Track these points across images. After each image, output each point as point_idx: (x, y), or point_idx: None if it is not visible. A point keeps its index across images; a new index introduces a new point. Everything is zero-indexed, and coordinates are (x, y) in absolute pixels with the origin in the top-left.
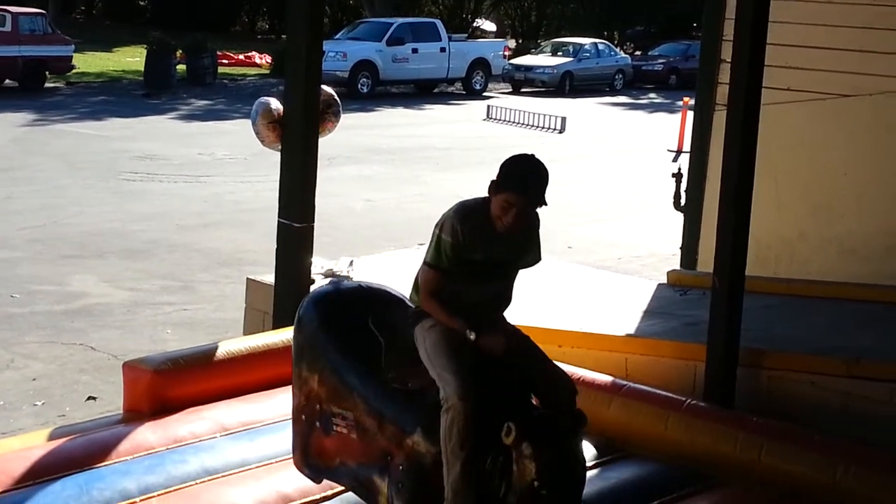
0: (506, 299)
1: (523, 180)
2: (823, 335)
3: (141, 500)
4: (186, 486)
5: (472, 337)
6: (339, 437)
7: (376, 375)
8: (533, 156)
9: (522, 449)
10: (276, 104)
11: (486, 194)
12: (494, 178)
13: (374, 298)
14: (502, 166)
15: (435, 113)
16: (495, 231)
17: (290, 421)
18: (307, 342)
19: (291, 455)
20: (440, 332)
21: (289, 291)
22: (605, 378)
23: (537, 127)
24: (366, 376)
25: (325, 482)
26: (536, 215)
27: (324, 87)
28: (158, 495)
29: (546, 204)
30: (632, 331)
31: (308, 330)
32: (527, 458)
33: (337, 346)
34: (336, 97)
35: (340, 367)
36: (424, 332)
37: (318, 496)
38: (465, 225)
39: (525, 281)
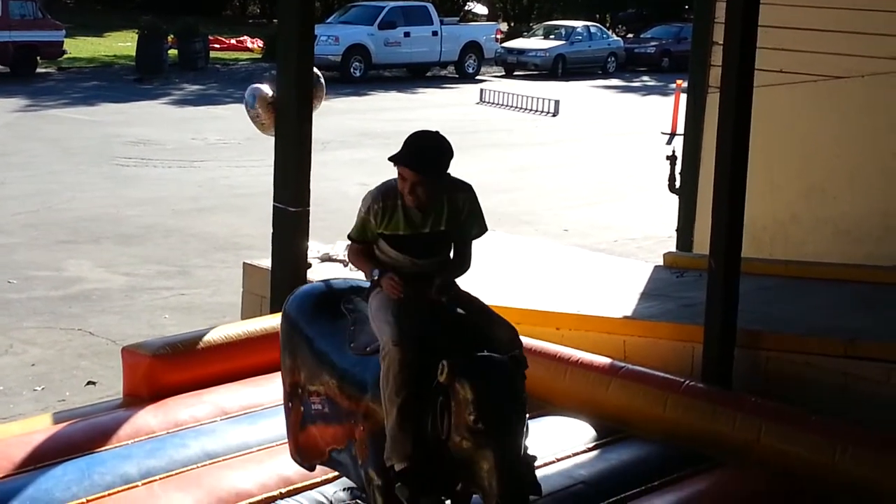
0: (456, 265)
1: (415, 154)
2: (820, 316)
3: (142, 484)
4: (188, 470)
5: (375, 275)
6: (321, 420)
7: (341, 348)
8: (432, 131)
9: (458, 387)
10: (268, 89)
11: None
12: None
13: (351, 289)
14: (404, 141)
15: (427, 97)
16: (413, 209)
17: None
18: (288, 335)
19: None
20: (383, 294)
21: (285, 275)
22: (603, 360)
23: (530, 110)
24: (333, 351)
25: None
26: (464, 186)
27: None
28: (160, 479)
29: (440, 175)
30: (629, 313)
31: (289, 323)
32: (463, 394)
33: (313, 331)
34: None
35: (314, 348)
36: (371, 297)
37: (319, 479)
38: (377, 203)
39: (522, 264)
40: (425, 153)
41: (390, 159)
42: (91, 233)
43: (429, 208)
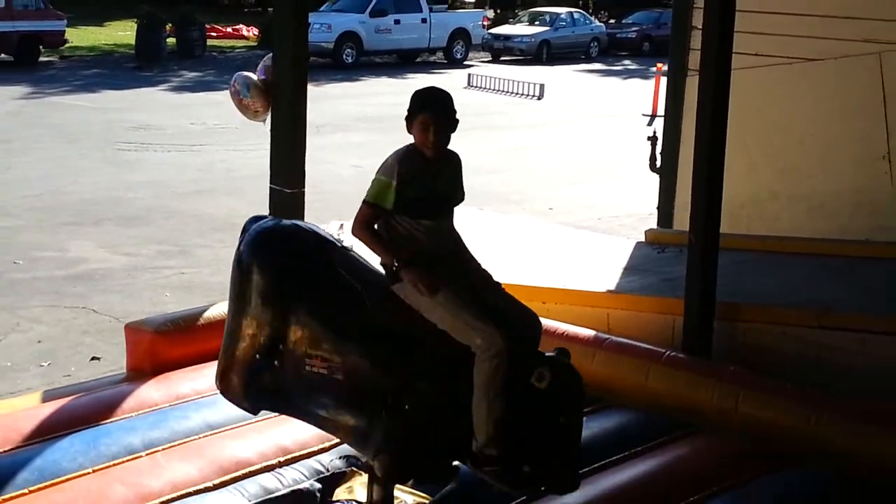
0: (454, 238)
1: (431, 101)
2: (795, 289)
3: (146, 454)
4: (189, 440)
5: (395, 267)
6: (312, 378)
7: (363, 320)
8: (435, 87)
9: (551, 390)
10: (254, 76)
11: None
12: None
13: (318, 237)
14: (411, 99)
15: (418, 82)
16: (429, 167)
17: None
18: (267, 281)
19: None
20: (443, 291)
21: None
22: (587, 332)
23: (517, 94)
24: (354, 322)
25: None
26: (456, 154)
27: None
28: (163, 449)
29: (457, 121)
30: (612, 287)
31: (266, 268)
32: (555, 397)
33: (311, 290)
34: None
35: (320, 312)
36: (408, 293)
37: (315, 448)
38: (403, 165)
39: (510, 241)
40: (438, 99)
41: (410, 114)
42: (94, 215)
43: (446, 167)
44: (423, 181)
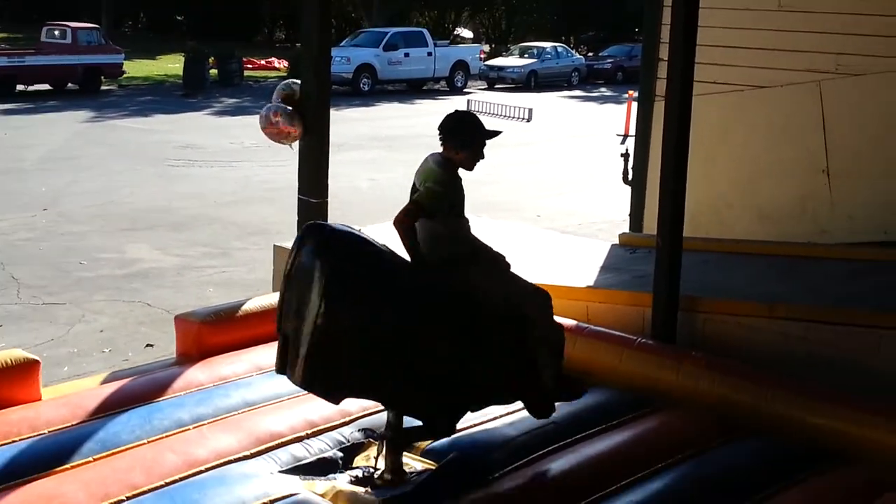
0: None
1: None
2: (748, 284)
3: (193, 427)
4: (230, 416)
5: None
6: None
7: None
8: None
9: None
10: (288, 107)
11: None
12: (461, 135)
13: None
14: (469, 124)
15: (424, 107)
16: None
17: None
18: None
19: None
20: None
21: None
22: (570, 322)
23: (509, 117)
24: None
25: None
26: None
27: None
28: (208, 423)
29: None
30: (591, 283)
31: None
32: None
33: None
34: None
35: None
36: (473, 272)
37: (338, 421)
38: (457, 178)
39: (503, 244)
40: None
41: (467, 140)
42: (147, 222)
43: None
44: (460, 189)
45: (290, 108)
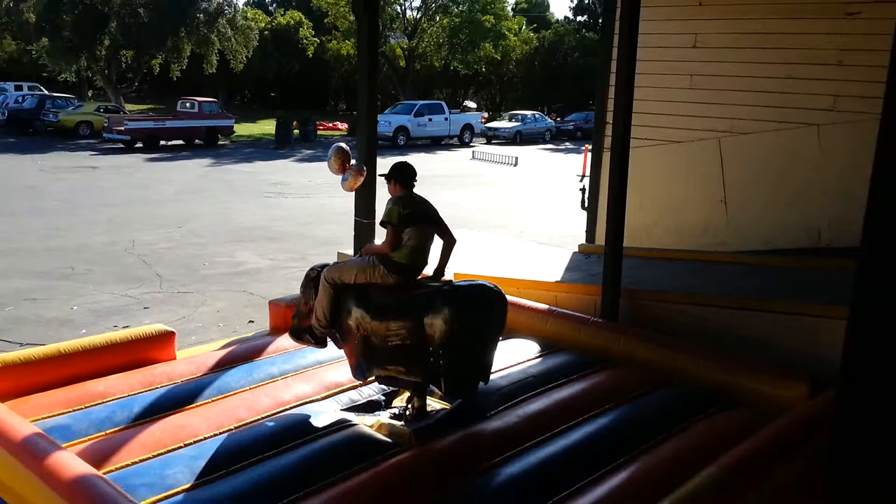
0: None
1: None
2: (668, 279)
3: (280, 379)
4: (306, 371)
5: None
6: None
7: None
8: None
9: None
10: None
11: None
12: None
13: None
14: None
15: (443, 155)
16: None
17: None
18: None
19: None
20: None
21: None
22: (543, 306)
23: (501, 163)
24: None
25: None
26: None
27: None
28: (291, 376)
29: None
30: (559, 278)
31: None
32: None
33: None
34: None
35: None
36: None
37: (346, 385)
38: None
39: (495, 252)
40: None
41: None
42: (250, 236)
43: None
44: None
45: (361, 165)
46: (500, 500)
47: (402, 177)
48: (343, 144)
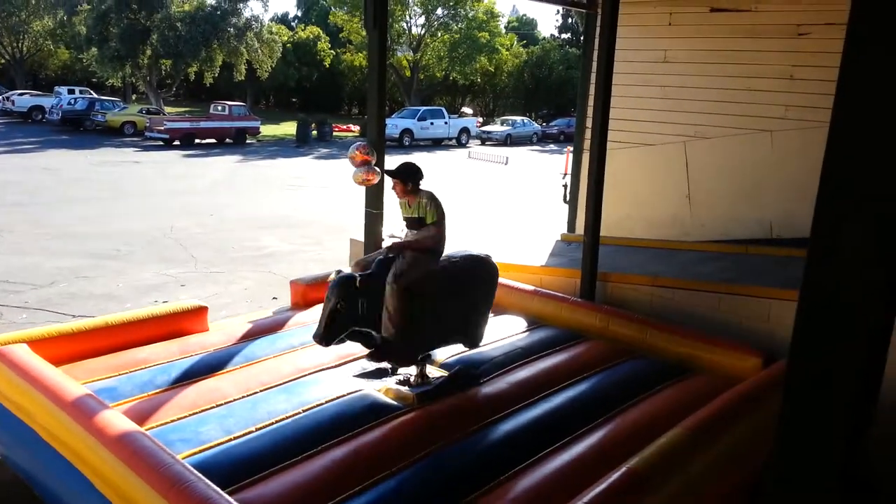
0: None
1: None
2: (638, 265)
3: (300, 348)
4: None
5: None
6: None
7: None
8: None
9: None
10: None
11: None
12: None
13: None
14: (413, 171)
15: (442, 155)
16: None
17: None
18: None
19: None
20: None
21: (370, 245)
22: (529, 287)
23: (494, 162)
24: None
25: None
26: (426, 192)
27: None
28: (309, 346)
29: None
30: (543, 263)
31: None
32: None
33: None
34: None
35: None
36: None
37: (358, 355)
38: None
39: (487, 238)
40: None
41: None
42: (274, 223)
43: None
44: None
45: (375, 165)
46: (492, 455)
47: (416, 178)
48: (367, 145)
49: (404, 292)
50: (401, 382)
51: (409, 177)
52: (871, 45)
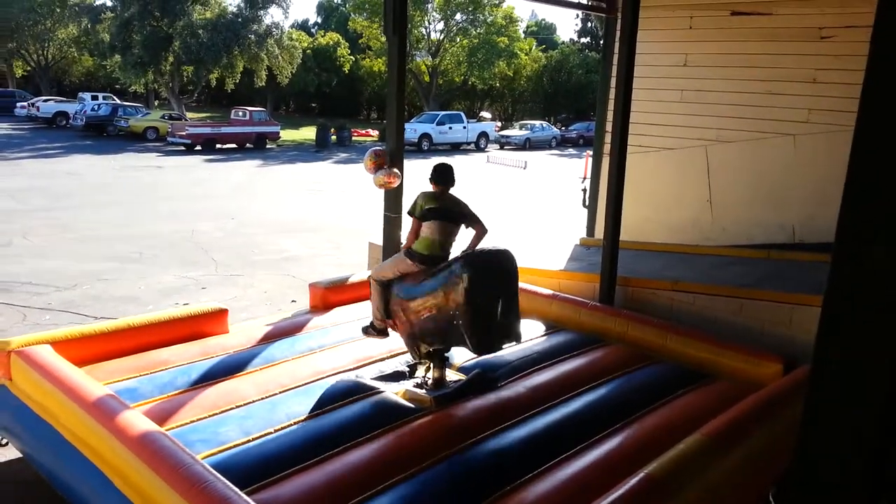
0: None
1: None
2: (658, 270)
3: (319, 351)
4: (341, 344)
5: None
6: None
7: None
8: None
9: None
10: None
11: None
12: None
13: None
14: (437, 170)
15: (461, 159)
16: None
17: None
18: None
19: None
20: None
21: (388, 249)
22: (548, 291)
23: (513, 166)
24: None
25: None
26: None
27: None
28: (328, 349)
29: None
30: (562, 267)
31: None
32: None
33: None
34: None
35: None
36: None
37: (400, 350)
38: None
39: (506, 242)
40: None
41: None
42: (293, 227)
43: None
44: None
45: (394, 169)
46: (509, 459)
47: (437, 176)
48: (378, 148)
49: (374, 283)
50: (418, 385)
51: (431, 174)
52: None
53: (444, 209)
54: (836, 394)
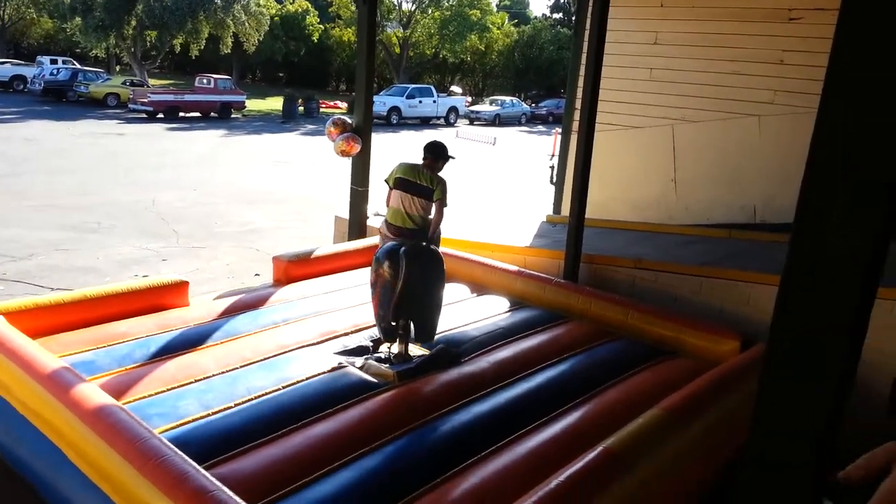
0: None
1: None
2: (621, 247)
3: (283, 325)
4: (305, 318)
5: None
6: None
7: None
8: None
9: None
10: (350, 134)
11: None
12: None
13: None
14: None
15: (430, 134)
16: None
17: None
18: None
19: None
20: None
21: (355, 222)
22: (513, 267)
23: (482, 142)
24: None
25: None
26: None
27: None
28: (291, 322)
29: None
30: (528, 244)
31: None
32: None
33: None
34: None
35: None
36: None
37: (364, 325)
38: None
39: (473, 218)
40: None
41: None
42: (258, 198)
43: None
44: None
45: (356, 134)
46: (471, 433)
47: (425, 150)
48: (344, 117)
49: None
50: (381, 360)
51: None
52: (863, 30)
53: (405, 181)
54: (790, 371)
